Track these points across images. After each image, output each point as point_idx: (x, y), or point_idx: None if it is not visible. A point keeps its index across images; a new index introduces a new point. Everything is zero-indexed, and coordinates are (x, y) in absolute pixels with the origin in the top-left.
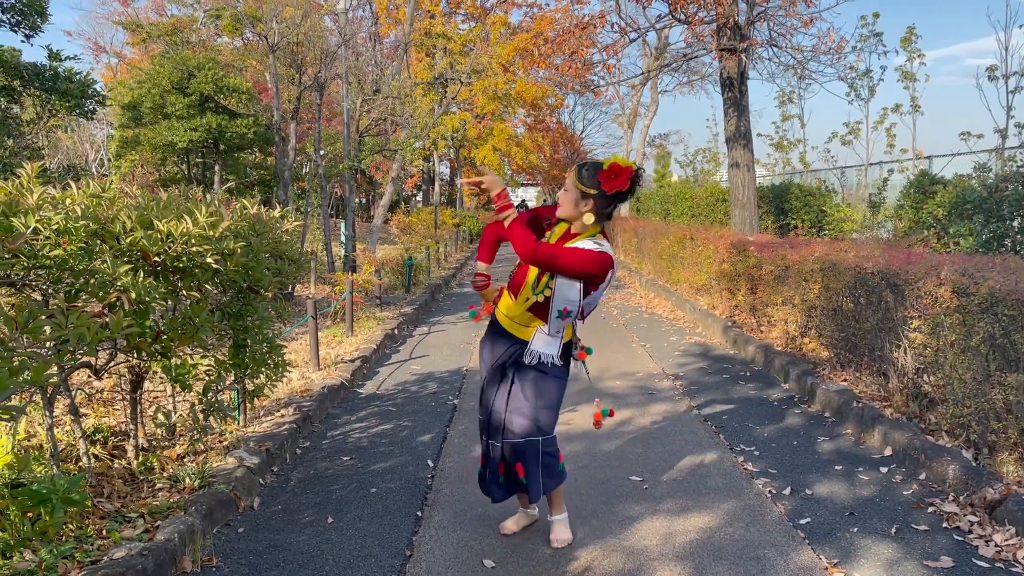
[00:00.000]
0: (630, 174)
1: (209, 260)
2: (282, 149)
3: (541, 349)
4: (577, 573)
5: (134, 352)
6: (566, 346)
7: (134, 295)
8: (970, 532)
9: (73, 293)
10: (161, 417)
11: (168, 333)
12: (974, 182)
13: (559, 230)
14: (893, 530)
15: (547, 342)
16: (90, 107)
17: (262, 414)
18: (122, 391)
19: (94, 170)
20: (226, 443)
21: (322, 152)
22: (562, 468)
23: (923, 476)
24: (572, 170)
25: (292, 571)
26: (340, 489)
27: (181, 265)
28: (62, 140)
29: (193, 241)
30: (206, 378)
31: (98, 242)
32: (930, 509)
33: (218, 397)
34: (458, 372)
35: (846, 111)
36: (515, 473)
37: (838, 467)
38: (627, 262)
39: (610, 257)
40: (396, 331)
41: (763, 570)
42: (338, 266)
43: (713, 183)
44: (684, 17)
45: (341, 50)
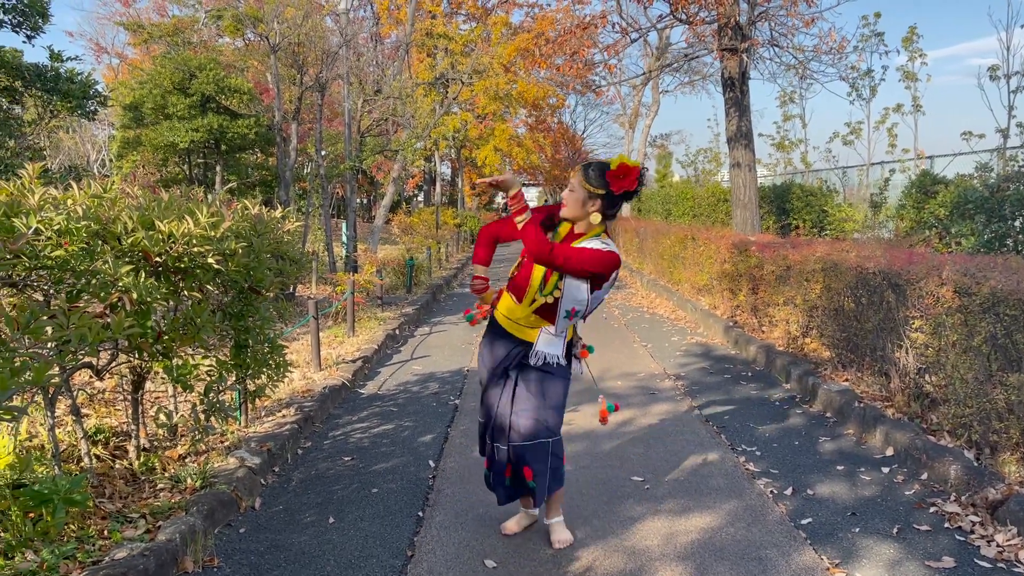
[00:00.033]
0: (637, 174)
1: (210, 260)
2: (283, 149)
3: (546, 349)
4: (578, 573)
5: (135, 352)
6: (568, 345)
7: (135, 295)
8: (972, 532)
9: (75, 294)
10: (163, 417)
11: (169, 333)
12: (976, 182)
13: (562, 230)
14: (895, 530)
15: (551, 342)
16: (91, 108)
17: (263, 414)
18: (123, 391)
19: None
20: (227, 443)
21: (323, 152)
22: (563, 471)
23: (925, 476)
24: (577, 170)
25: (293, 571)
26: (341, 489)
27: (182, 265)
28: (64, 141)
29: (194, 241)
30: (207, 378)
31: (99, 243)
32: (932, 509)
33: (219, 397)
34: (459, 372)
35: (847, 111)
36: (522, 477)
37: (840, 467)
38: (628, 262)
39: (618, 256)
40: (397, 331)
41: (765, 570)
42: (339, 266)
43: (714, 183)
44: (685, 17)
45: (342, 50)
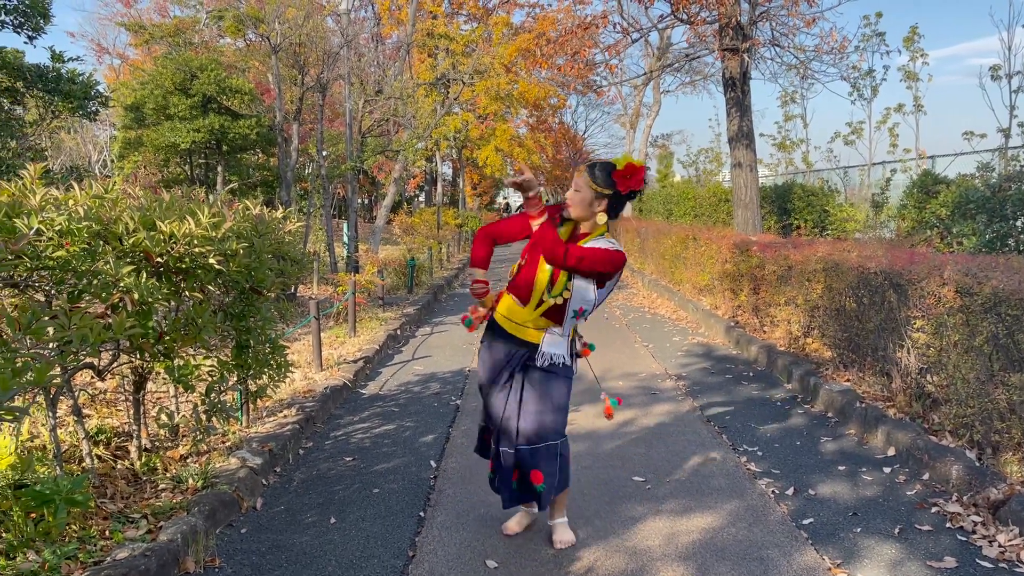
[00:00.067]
0: (643, 173)
1: (212, 261)
2: (285, 150)
3: (552, 350)
4: (580, 573)
5: (137, 353)
6: (570, 344)
7: (137, 296)
8: (974, 532)
9: (76, 294)
10: (164, 418)
11: (171, 334)
12: (977, 182)
13: (565, 230)
14: (896, 530)
15: (556, 342)
16: (93, 108)
17: (265, 415)
18: (125, 392)
19: (97, 171)
20: (229, 444)
21: (324, 153)
22: (570, 471)
23: (926, 476)
24: (582, 170)
25: (295, 571)
26: (343, 490)
27: (184, 266)
28: (65, 141)
29: (196, 242)
30: (209, 379)
31: (101, 243)
32: (933, 509)
33: (221, 398)
34: (461, 372)
35: (849, 111)
36: (529, 481)
37: (841, 467)
38: (630, 262)
39: (624, 255)
40: (399, 331)
41: (766, 571)
42: (341, 267)
43: (716, 183)
44: (686, 17)
45: (343, 51)
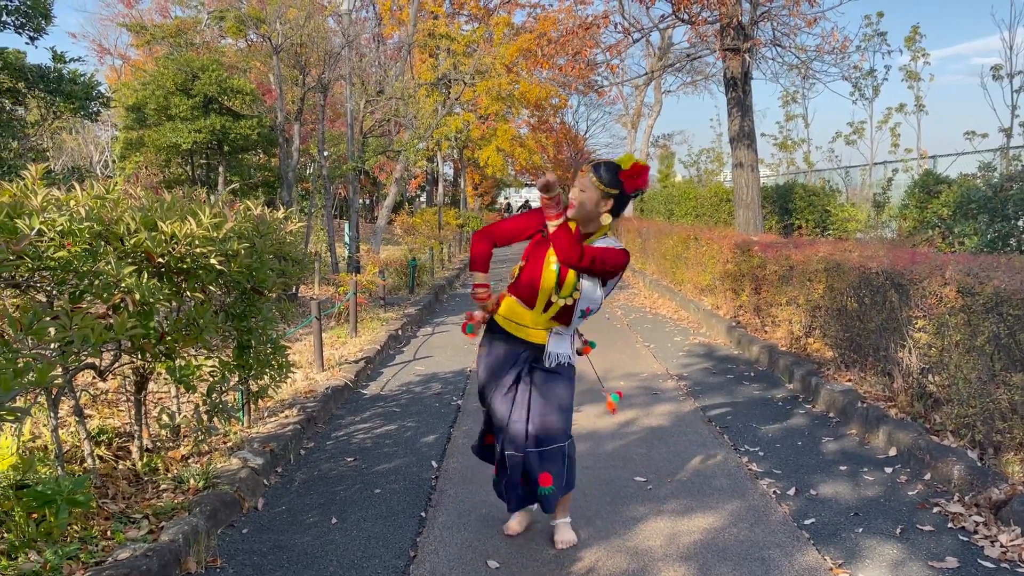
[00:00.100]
0: (648, 172)
1: (213, 261)
2: (286, 150)
3: (557, 350)
4: (581, 573)
5: (138, 353)
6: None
7: (138, 296)
8: (975, 532)
9: (77, 294)
10: (165, 418)
11: (172, 334)
12: (979, 181)
13: None
14: (898, 530)
15: (561, 342)
16: (94, 109)
17: (266, 415)
18: (126, 392)
19: (98, 172)
20: (230, 444)
21: (326, 153)
22: (575, 472)
23: (928, 476)
24: (587, 170)
25: (296, 572)
26: (344, 490)
27: (185, 266)
28: (66, 142)
29: (197, 242)
30: (210, 379)
31: (102, 243)
32: (935, 509)
33: (222, 398)
34: (462, 373)
35: (850, 111)
36: (537, 485)
37: (843, 467)
38: (631, 262)
39: (628, 254)
40: (400, 332)
41: (768, 571)
42: (342, 267)
43: (717, 183)
44: (687, 17)
45: (345, 51)
